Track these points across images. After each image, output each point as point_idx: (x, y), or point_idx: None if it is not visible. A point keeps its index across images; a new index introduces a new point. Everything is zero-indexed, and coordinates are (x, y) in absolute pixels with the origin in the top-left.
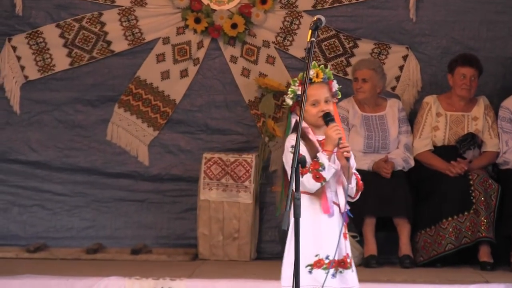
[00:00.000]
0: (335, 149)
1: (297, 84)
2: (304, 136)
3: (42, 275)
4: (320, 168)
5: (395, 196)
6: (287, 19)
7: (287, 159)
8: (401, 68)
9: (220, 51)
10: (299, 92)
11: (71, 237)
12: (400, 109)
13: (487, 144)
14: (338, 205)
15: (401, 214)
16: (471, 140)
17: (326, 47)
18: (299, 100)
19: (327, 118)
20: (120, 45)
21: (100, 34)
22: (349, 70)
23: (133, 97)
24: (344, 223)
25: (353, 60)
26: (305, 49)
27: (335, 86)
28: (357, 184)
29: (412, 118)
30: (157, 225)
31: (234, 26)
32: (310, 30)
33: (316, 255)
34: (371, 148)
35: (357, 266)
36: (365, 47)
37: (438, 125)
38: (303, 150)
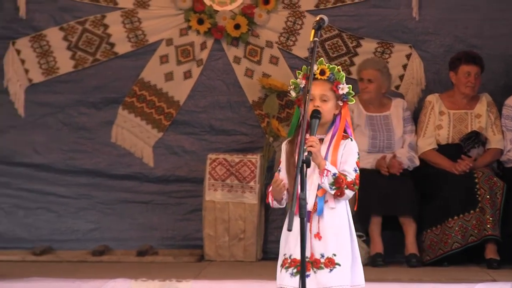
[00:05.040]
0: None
1: (300, 77)
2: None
3: (48, 277)
4: None
5: (401, 195)
6: (290, 19)
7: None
8: (404, 67)
9: (224, 52)
10: (301, 85)
11: (77, 239)
12: (404, 108)
13: (491, 141)
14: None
15: (406, 213)
16: (475, 138)
17: (329, 47)
18: (302, 94)
19: (311, 115)
20: (123, 47)
21: (103, 37)
22: (352, 69)
23: (137, 99)
24: (309, 223)
25: (356, 60)
26: (308, 49)
27: (342, 89)
28: (336, 182)
29: (416, 116)
30: (162, 226)
31: (237, 26)
32: (313, 30)
33: (284, 254)
34: (376, 148)
35: (363, 265)
36: (368, 46)
37: (441, 123)
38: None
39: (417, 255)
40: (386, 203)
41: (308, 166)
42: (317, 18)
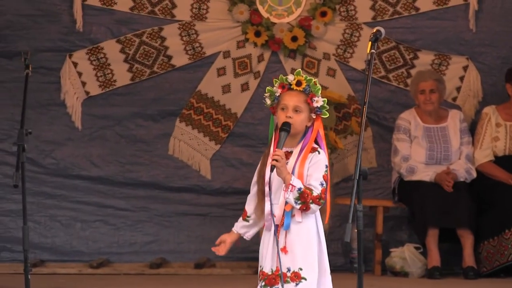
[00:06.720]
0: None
1: (276, 85)
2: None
3: None
4: None
5: (458, 207)
6: (347, 31)
7: None
8: (461, 78)
9: (281, 64)
10: (277, 94)
11: (134, 252)
12: (461, 120)
13: None
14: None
15: (464, 225)
16: None
17: (387, 59)
18: (277, 103)
19: (281, 127)
20: (180, 59)
21: (160, 49)
22: (410, 81)
23: (194, 111)
24: (278, 237)
25: (413, 72)
26: (365, 61)
27: (317, 102)
28: (301, 196)
29: (473, 128)
30: None
31: (294, 39)
32: (370, 42)
33: (260, 266)
34: (433, 160)
35: (420, 277)
36: (425, 58)
37: (498, 135)
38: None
39: (474, 268)
40: (444, 215)
41: (365, 178)
42: (374, 30)
